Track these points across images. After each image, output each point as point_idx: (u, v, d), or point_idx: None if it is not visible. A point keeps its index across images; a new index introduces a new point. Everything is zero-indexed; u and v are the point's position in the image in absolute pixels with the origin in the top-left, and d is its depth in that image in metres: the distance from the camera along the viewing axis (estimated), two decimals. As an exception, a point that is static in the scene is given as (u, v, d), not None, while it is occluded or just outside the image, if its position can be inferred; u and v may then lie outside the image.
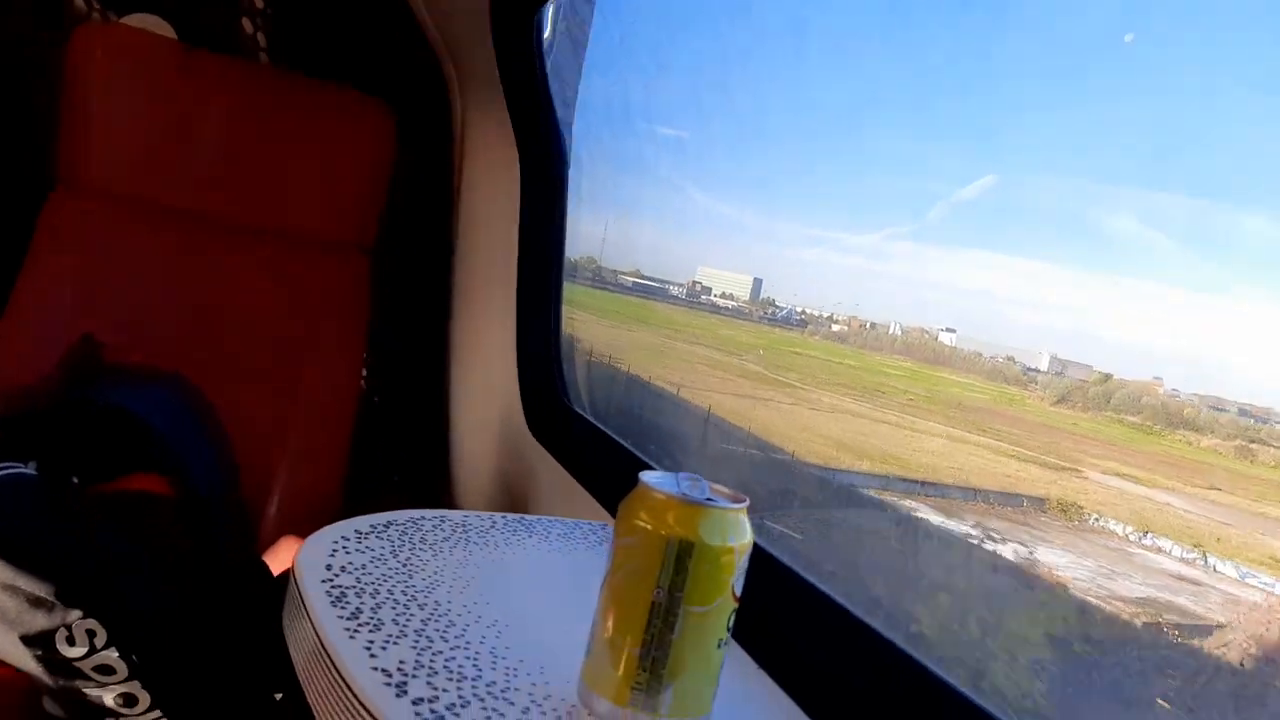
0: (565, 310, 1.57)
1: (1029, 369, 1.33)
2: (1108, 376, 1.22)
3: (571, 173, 1.53)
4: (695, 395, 1.84)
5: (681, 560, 0.56)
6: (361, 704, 0.57)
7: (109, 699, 0.95)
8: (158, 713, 0.97)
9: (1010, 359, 1.36)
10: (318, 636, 0.64)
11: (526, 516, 0.96)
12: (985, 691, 0.71)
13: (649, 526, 0.57)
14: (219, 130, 1.59)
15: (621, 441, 1.30)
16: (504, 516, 0.94)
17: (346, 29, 1.74)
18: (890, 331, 1.62)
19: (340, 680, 0.60)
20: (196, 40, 1.62)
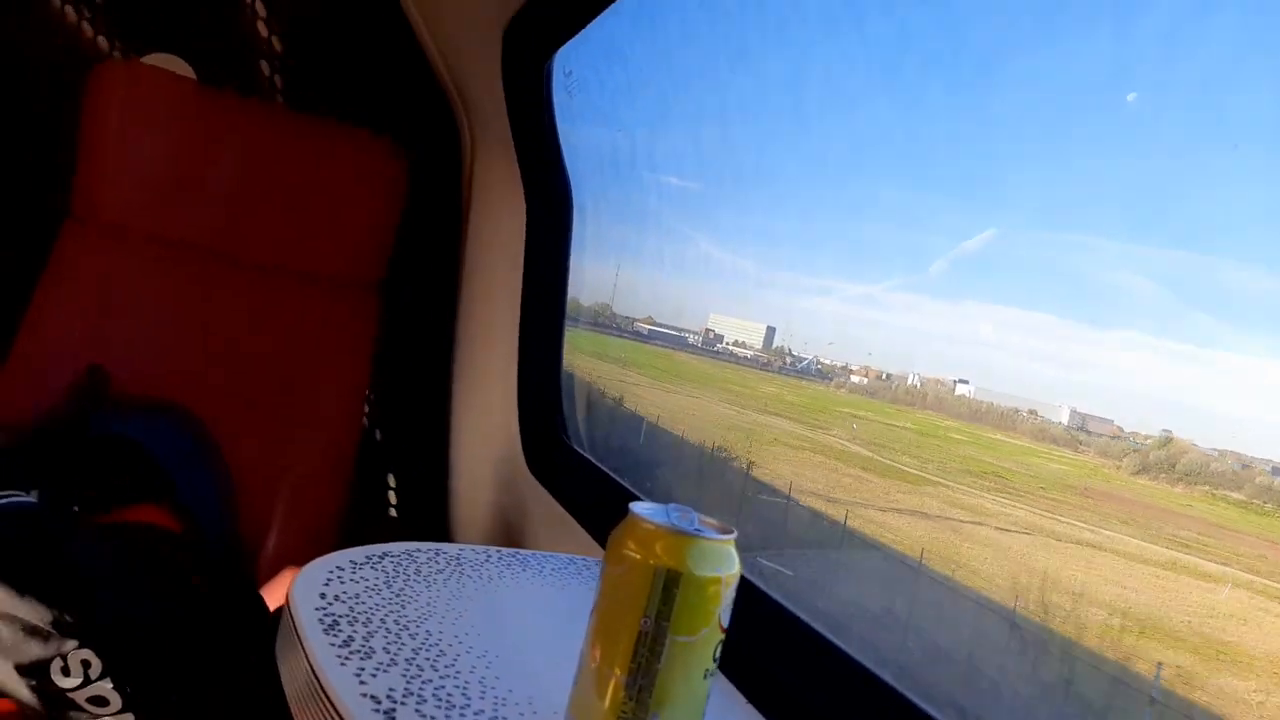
0: (595, 363, 1.57)
1: (1077, 428, 1.30)
2: (1168, 439, 1.17)
3: (576, 218, 1.56)
4: (847, 513, 1.53)
5: (669, 590, 0.57)
6: (350, 729, 0.58)
7: (101, 730, 0.95)
8: None
9: (1033, 411, 1.35)
10: (309, 663, 0.64)
11: (521, 551, 0.96)
12: None
13: (637, 556, 0.58)
14: (233, 168, 1.62)
15: (619, 480, 1.31)
16: (499, 550, 0.95)
17: (360, 72, 1.78)
18: (910, 383, 1.62)
19: (330, 706, 0.60)
20: (214, 81, 1.66)
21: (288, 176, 1.67)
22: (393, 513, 1.83)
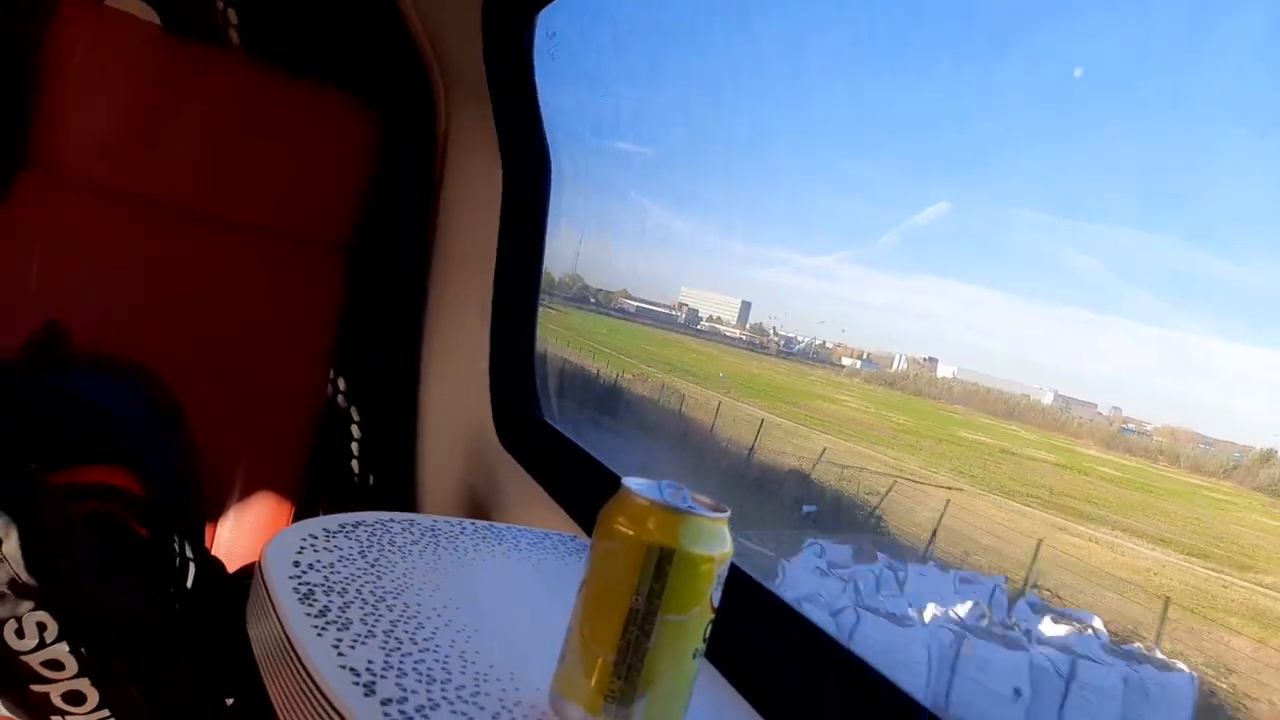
0: (609, 358, 1.55)
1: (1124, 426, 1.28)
2: (1270, 453, 1.13)
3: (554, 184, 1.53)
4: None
5: (661, 567, 0.56)
6: (329, 702, 0.56)
7: (55, 696, 0.92)
8: (105, 712, 0.94)
9: (1026, 396, 1.35)
10: (284, 632, 0.62)
11: (496, 524, 0.95)
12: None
13: (630, 532, 0.56)
14: (197, 120, 1.57)
15: (593, 455, 1.29)
16: (473, 523, 0.93)
17: (332, 26, 1.73)
18: (896, 367, 1.62)
19: (307, 678, 0.58)
20: (180, 28, 1.60)
21: (253, 131, 1.61)
22: (357, 482, 1.80)
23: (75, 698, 0.93)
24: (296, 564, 0.72)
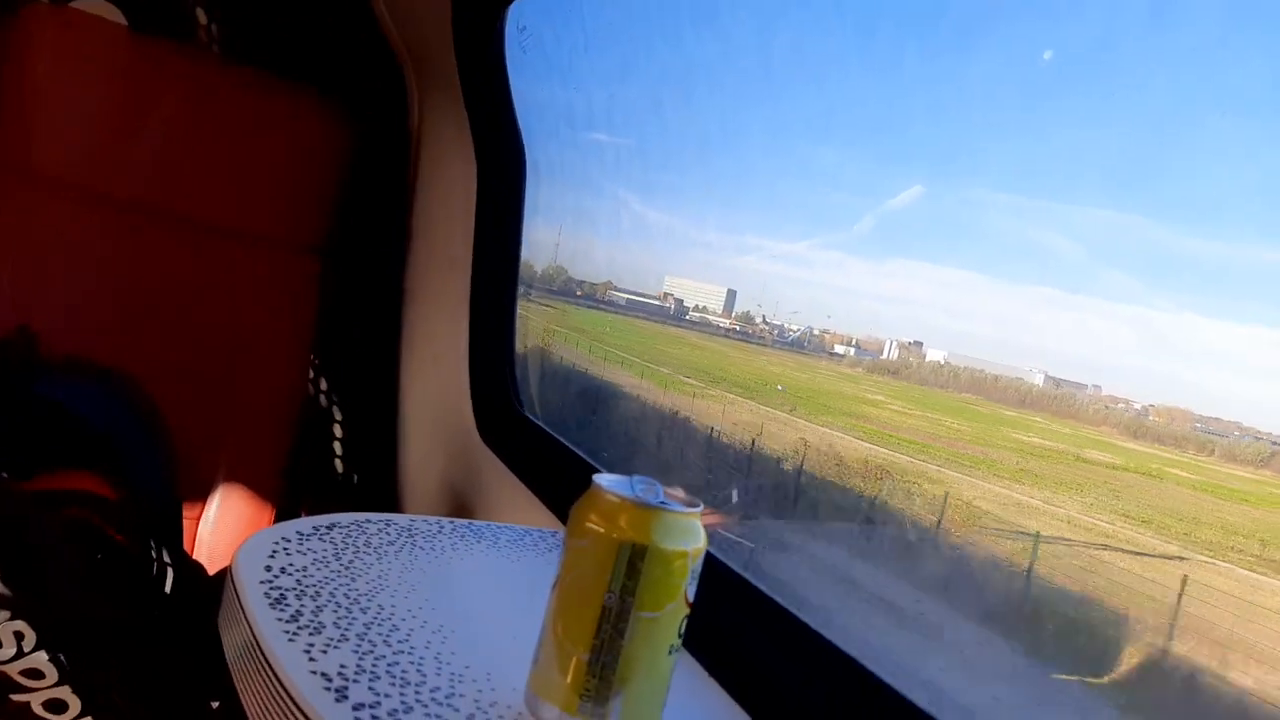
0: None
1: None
2: None
3: (529, 179, 1.52)
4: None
5: (634, 564, 0.55)
6: (300, 709, 0.55)
7: (36, 705, 0.91)
8: (87, 719, 0.93)
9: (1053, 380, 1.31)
10: (254, 638, 0.62)
11: (475, 522, 0.94)
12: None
13: (601, 529, 0.56)
14: (168, 121, 1.55)
15: (574, 449, 1.29)
16: (452, 522, 0.92)
17: (303, 25, 1.71)
18: (887, 354, 1.60)
19: (278, 684, 0.58)
20: (148, 28, 1.58)
21: (224, 132, 1.59)
22: (339, 482, 1.78)
23: (57, 706, 0.92)
24: (268, 568, 0.71)
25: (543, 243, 1.64)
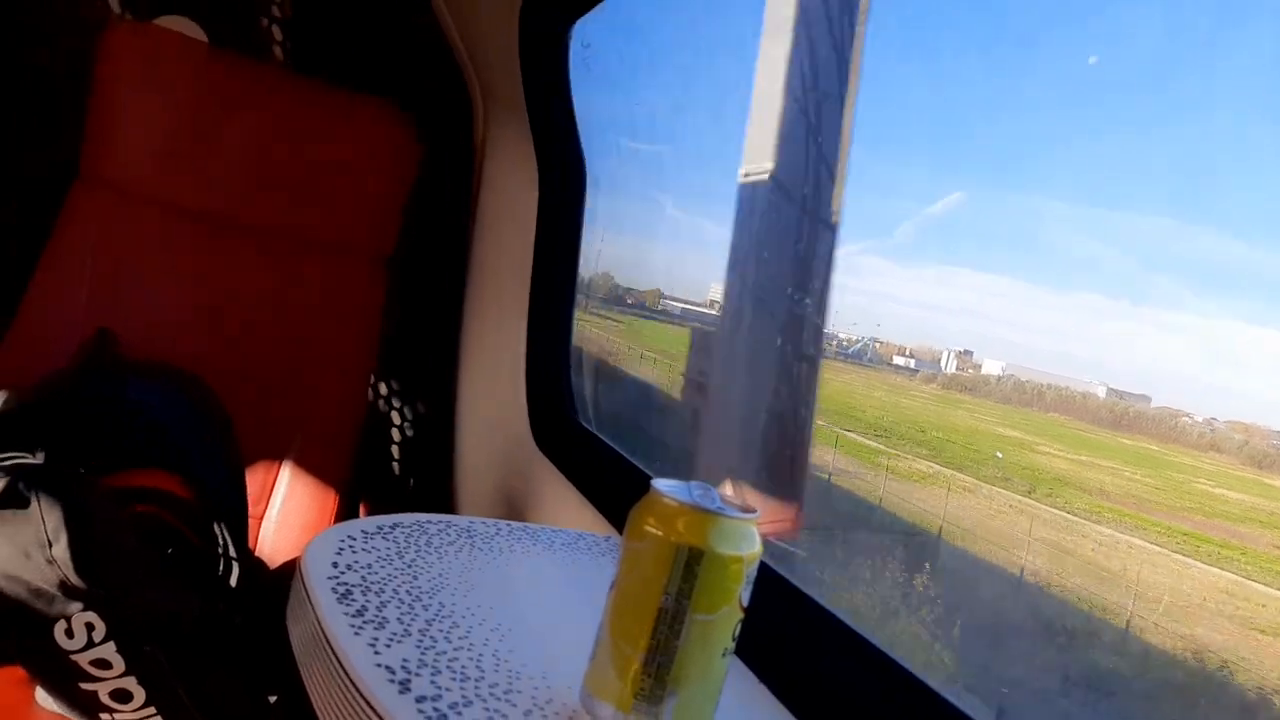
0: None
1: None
2: None
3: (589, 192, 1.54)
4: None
5: (690, 567, 0.56)
6: (365, 699, 0.57)
7: (103, 694, 0.95)
8: (151, 709, 0.97)
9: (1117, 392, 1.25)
10: (322, 630, 0.64)
11: (531, 525, 0.96)
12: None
13: (659, 533, 0.57)
14: (243, 133, 1.61)
15: (628, 457, 1.30)
16: (509, 524, 0.94)
17: (372, 39, 1.76)
18: (945, 366, 1.54)
19: (343, 675, 0.60)
20: (226, 44, 1.65)
21: (297, 143, 1.65)
22: (396, 485, 1.82)
23: (122, 695, 0.95)
24: (335, 564, 0.73)
25: (585, 249, 1.64)
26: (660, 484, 0.59)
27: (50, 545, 0.91)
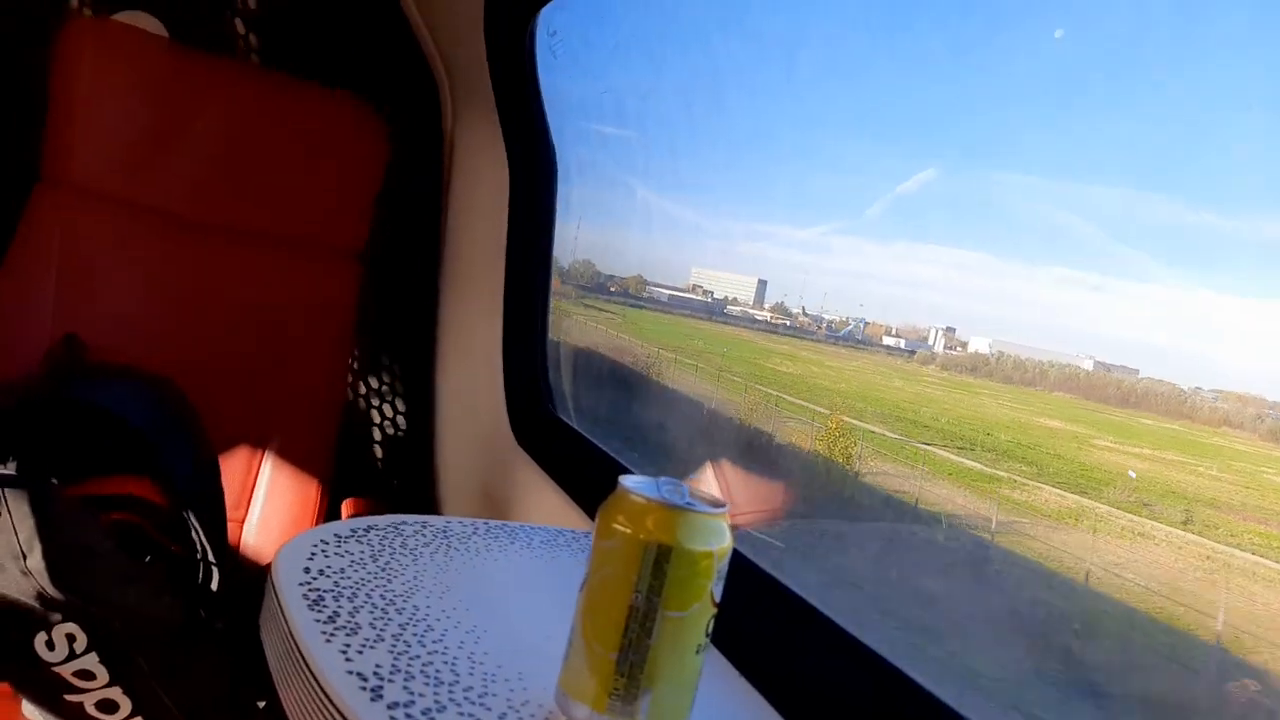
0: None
1: None
2: None
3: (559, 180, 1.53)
4: None
5: (659, 565, 0.56)
6: (336, 708, 0.57)
7: (89, 705, 0.94)
8: (138, 719, 0.96)
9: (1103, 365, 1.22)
10: (293, 639, 0.63)
11: (509, 523, 0.95)
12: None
13: (627, 530, 0.57)
14: (208, 130, 1.58)
15: (606, 449, 1.30)
16: (486, 523, 0.93)
17: (338, 32, 1.73)
18: (933, 345, 1.53)
19: (315, 684, 0.59)
20: (188, 39, 1.62)
21: (263, 139, 1.63)
22: (379, 483, 1.81)
23: (108, 706, 0.94)
24: (307, 570, 0.72)
25: (562, 236, 1.62)
26: (628, 481, 0.59)
27: (25, 557, 0.90)
